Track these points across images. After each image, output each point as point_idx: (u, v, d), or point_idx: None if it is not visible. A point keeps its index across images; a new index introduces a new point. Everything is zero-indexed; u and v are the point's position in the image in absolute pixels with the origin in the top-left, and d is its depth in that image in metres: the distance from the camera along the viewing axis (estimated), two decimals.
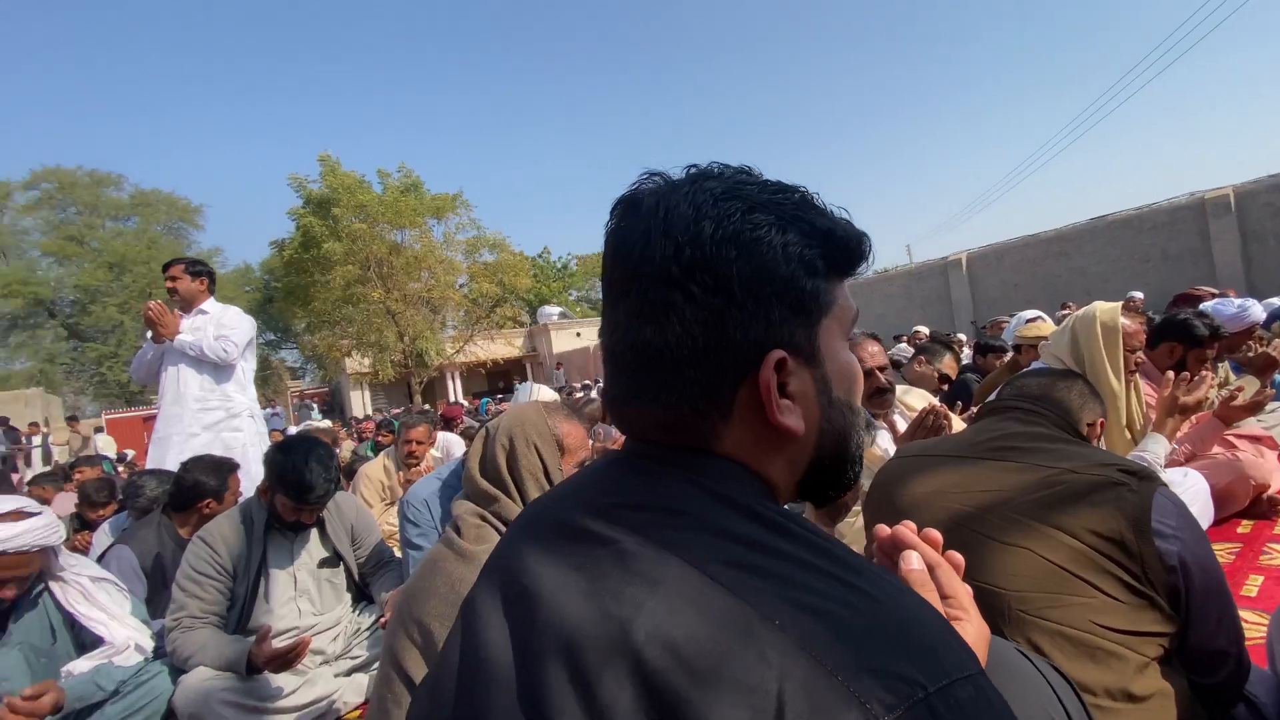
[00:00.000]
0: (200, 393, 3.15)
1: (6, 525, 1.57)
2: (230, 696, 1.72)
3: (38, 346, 23.09)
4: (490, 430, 1.32)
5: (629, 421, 0.51)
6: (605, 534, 0.44)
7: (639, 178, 0.50)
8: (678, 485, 0.46)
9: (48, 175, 24.21)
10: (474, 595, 0.51)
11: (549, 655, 0.38)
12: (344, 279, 17.07)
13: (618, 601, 0.38)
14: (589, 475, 0.54)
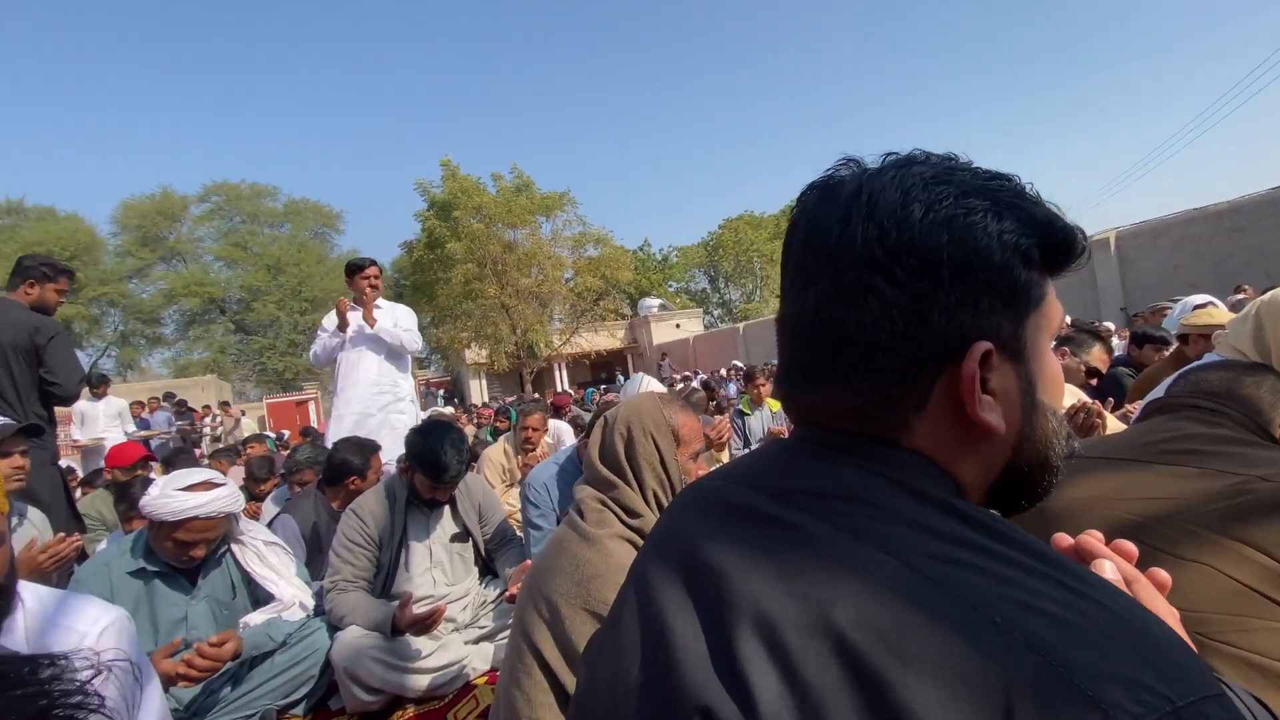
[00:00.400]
0: (376, 378, 3.49)
1: (199, 494, 1.84)
2: (378, 654, 1.92)
3: (211, 339, 26.73)
4: (608, 420, 1.36)
5: (806, 407, 0.50)
6: (788, 518, 0.44)
7: (834, 164, 0.49)
8: (863, 475, 0.45)
9: (216, 189, 27.94)
10: (645, 568, 0.52)
11: (744, 630, 0.39)
12: (463, 276, 18.29)
13: (813, 585, 0.38)
14: (761, 460, 0.53)
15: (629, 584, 0.55)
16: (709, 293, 37.29)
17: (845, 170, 0.48)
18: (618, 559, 1.20)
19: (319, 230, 29.97)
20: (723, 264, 33.71)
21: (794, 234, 0.50)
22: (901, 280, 0.43)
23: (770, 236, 32.60)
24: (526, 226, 19.55)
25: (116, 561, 1.88)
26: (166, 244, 26.67)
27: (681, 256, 36.71)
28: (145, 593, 1.88)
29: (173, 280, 25.81)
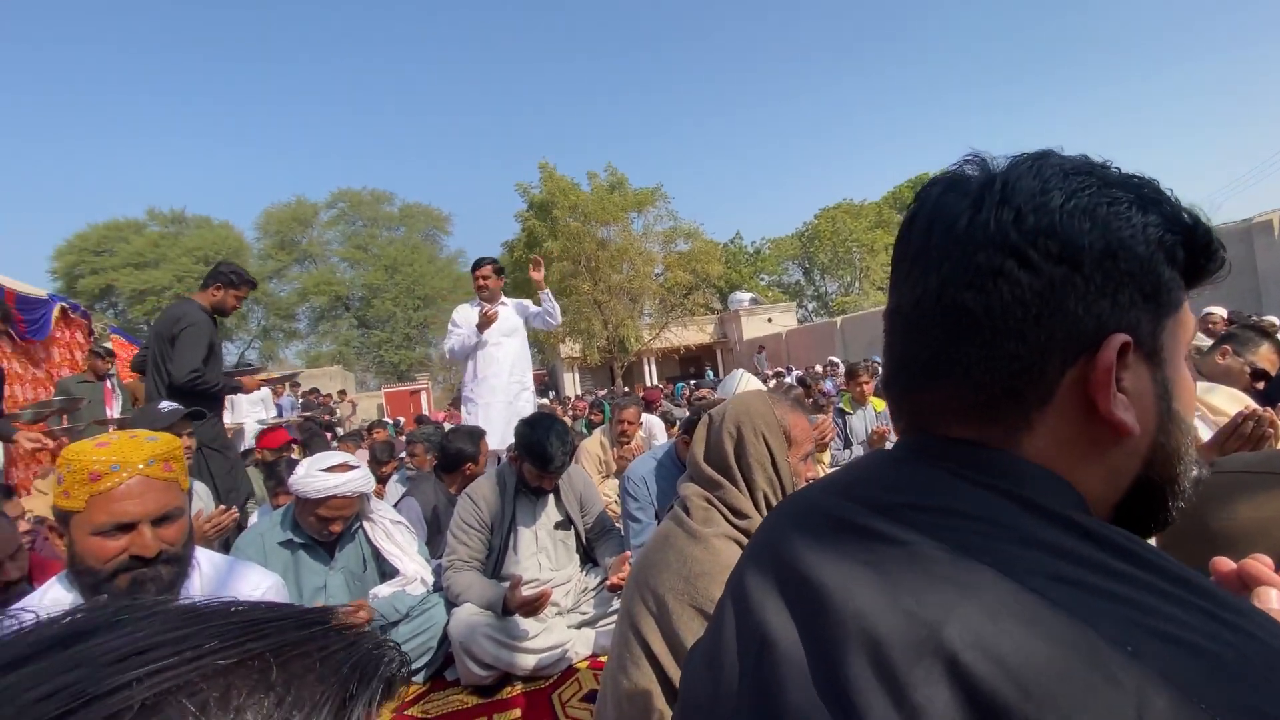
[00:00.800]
0: (508, 372, 3.80)
1: (338, 474, 2.04)
2: (490, 632, 2.04)
3: (337, 333, 29.41)
4: (714, 418, 1.35)
5: (919, 407, 0.48)
6: (892, 533, 0.42)
7: (960, 160, 0.46)
8: (977, 489, 0.43)
9: (341, 196, 30.66)
10: (744, 578, 0.52)
11: (849, 647, 0.38)
12: (559, 274, 18.92)
13: (921, 603, 0.37)
14: (863, 472, 0.52)
15: (726, 595, 0.55)
16: (803, 285, 36.10)
17: (971, 167, 0.46)
18: (725, 558, 1.20)
19: (429, 232, 32.09)
20: (819, 255, 32.45)
21: (912, 225, 0.47)
22: (1037, 264, 0.40)
23: (870, 225, 30.97)
24: (619, 223, 19.86)
25: (269, 533, 2.12)
26: (300, 247, 29.62)
27: (774, 248, 35.78)
28: (292, 561, 2.11)
29: (305, 280, 28.65)
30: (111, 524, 1.10)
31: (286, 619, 0.28)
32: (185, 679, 0.23)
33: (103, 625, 0.25)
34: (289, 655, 0.26)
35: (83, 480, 1.11)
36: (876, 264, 29.29)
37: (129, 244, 25.46)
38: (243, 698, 0.24)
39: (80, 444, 1.16)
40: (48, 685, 0.21)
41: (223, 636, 0.25)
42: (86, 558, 1.11)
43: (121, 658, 0.23)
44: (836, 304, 30.20)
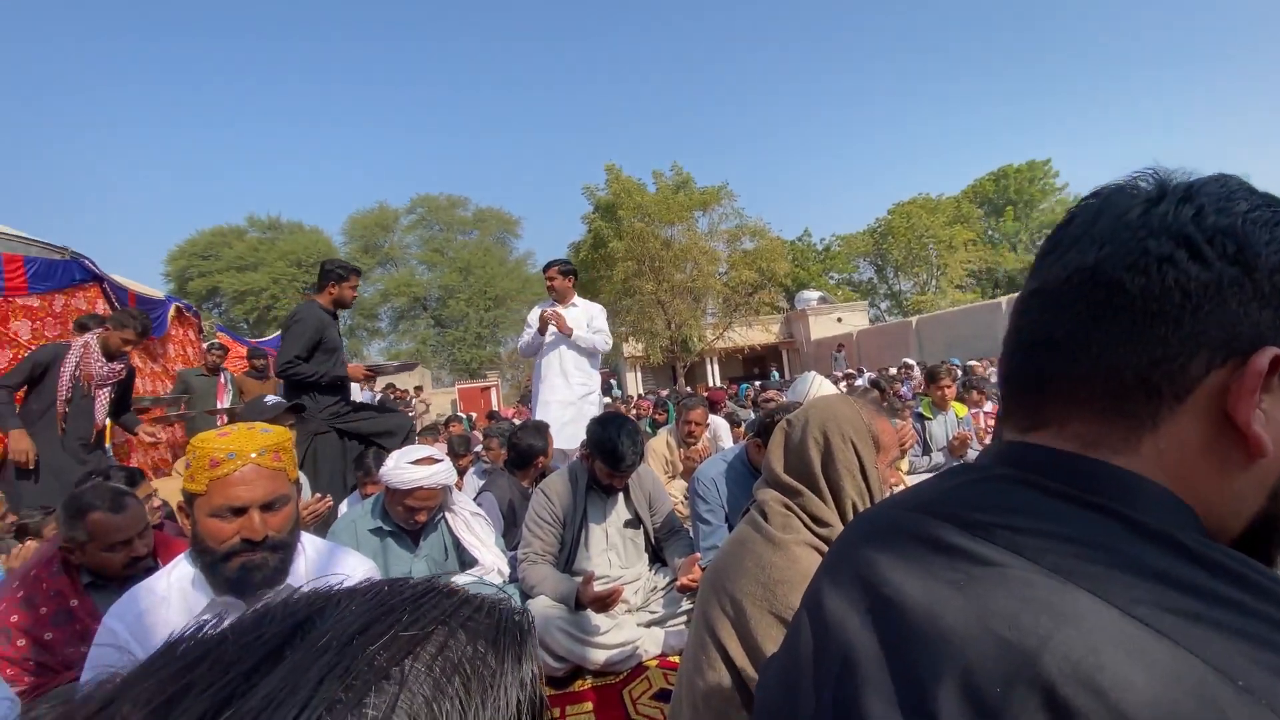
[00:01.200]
0: (575, 372, 3.94)
1: (423, 467, 2.14)
2: (563, 625, 2.09)
3: (415, 332, 30.91)
4: (794, 423, 1.31)
5: (1037, 395, 0.46)
6: (983, 553, 0.40)
7: (1133, 173, 0.45)
8: (1076, 509, 0.40)
9: (420, 202, 32.20)
10: (821, 594, 0.51)
11: (935, 671, 0.37)
12: (623, 274, 19.10)
13: (1014, 629, 0.35)
14: (950, 486, 0.50)
15: (803, 610, 0.54)
16: (875, 284, 34.76)
17: (1146, 179, 0.45)
18: (805, 566, 1.17)
19: (501, 235, 33.19)
20: (892, 252, 31.10)
21: (1073, 218, 0.46)
22: (1210, 259, 0.39)
23: (948, 221, 29.39)
24: (683, 223, 19.80)
25: (361, 520, 2.25)
26: (382, 251, 31.36)
27: (845, 245, 34.62)
28: (381, 548, 2.23)
29: (387, 282, 30.29)
30: (226, 507, 1.20)
31: (437, 591, 0.32)
32: (408, 644, 0.27)
33: (309, 614, 0.29)
34: (463, 616, 0.30)
35: (205, 466, 1.22)
36: (955, 261, 27.77)
37: (232, 249, 27.76)
38: (453, 653, 0.28)
39: (206, 433, 1.27)
40: (318, 668, 0.25)
41: (409, 608, 0.30)
42: (205, 538, 1.22)
43: (353, 636, 0.27)
44: (911, 303, 28.87)
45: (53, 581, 1.68)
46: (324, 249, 29.30)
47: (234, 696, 0.24)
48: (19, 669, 1.56)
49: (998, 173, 34.82)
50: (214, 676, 0.25)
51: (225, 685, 0.24)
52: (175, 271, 27.81)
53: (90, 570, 1.73)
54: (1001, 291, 26.83)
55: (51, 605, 1.65)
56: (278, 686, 0.24)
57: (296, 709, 0.23)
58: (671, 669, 2.19)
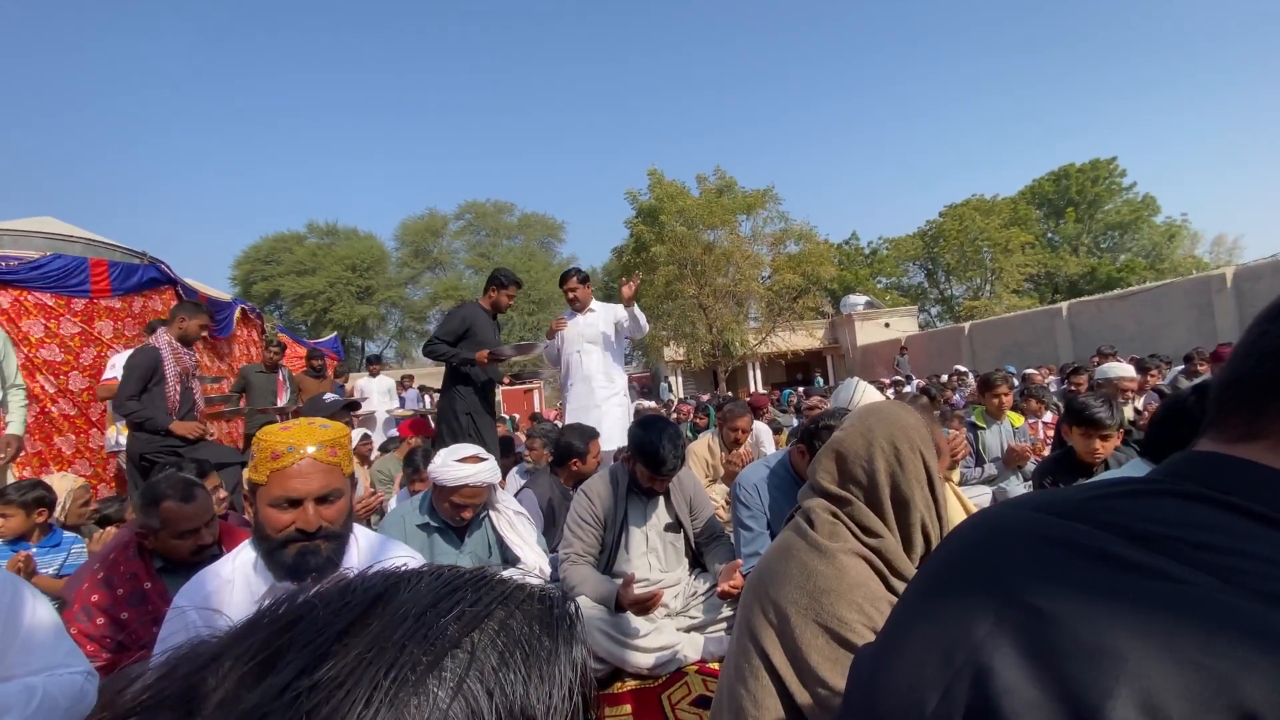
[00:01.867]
0: (601, 374, 4.01)
1: (470, 465, 2.18)
2: (604, 627, 2.09)
3: None
4: (851, 432, 1.23)
5: (1260, 408, 0.42)
6: (1161, 567, 0.37)
7: None
8: (1274, 531, 0.37)
9: (468, 208, 33.05)
10: (935, 594, 0.48)
11: (1104, 689, 0.34)
12: (665, 278, 19.09)
13: (1205, 651, 0.33)
14: (1105, 494, 0.46)
15: (914, 610, 0.50)
16: (926, 288, 33.67)
17: None
18: (853, 575, 1.14)
19: (544, 240, 33.70)
20: (944, 255, 30.07)
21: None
22: None
23: (1005, 223, 28.19)
24: (726, 226, 19.65)
25: (409, 515, 2.32)
26: (432, 256, 32.27)
27: (893, 249, 33.64)
28: (427, 543, 2.29)
29: (435, 286, 31.12)
30: (284, 498, 1.26)
31: (493, 577, 0.35)
32: (475, 619, 0.30)
33: (386, 587, 0.32)
34: (519, 599, 0.33)
35: (266, 458, 1.28)
36: (1010, 264, 26.59)
37: (292, 254, 29.06)
38: (515, 631, 0.30)
39: (270, 426, 1.34)
40: (400, 633, 0.28)
41: (472, 588, 0.32)
42: (265, 526, 1.28)
43: (426, 609, 0.30)
44: (964, 308, 27.82)
45: (129, 565, 1.79)
46: (377, 253, 30.39)
47: (329, 654, 0.27)
48: (98, 645, 1.67)
49: (1058, 172, 33.23)
50: (310, 636, 0.28)
51: (321, 644, 0.27)
52: (241, 275, 29.31)
53: (161, 555, 1.84)
54: (1061, 297, 25.52)
55: (127, 587, 1.76)
56: (367, 647, 0.27)
57: (385, 668, 0.26)
58: (711, 675, 2.16)
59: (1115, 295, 13.91)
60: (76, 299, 4.61)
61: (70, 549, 2.57)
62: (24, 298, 4.37)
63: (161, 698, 0.27)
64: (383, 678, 0.26)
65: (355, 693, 0.25)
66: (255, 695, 0.25)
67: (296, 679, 0.26)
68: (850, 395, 3.28)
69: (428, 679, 0.26)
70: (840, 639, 1.10)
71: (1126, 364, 4.80)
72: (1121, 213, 31.38)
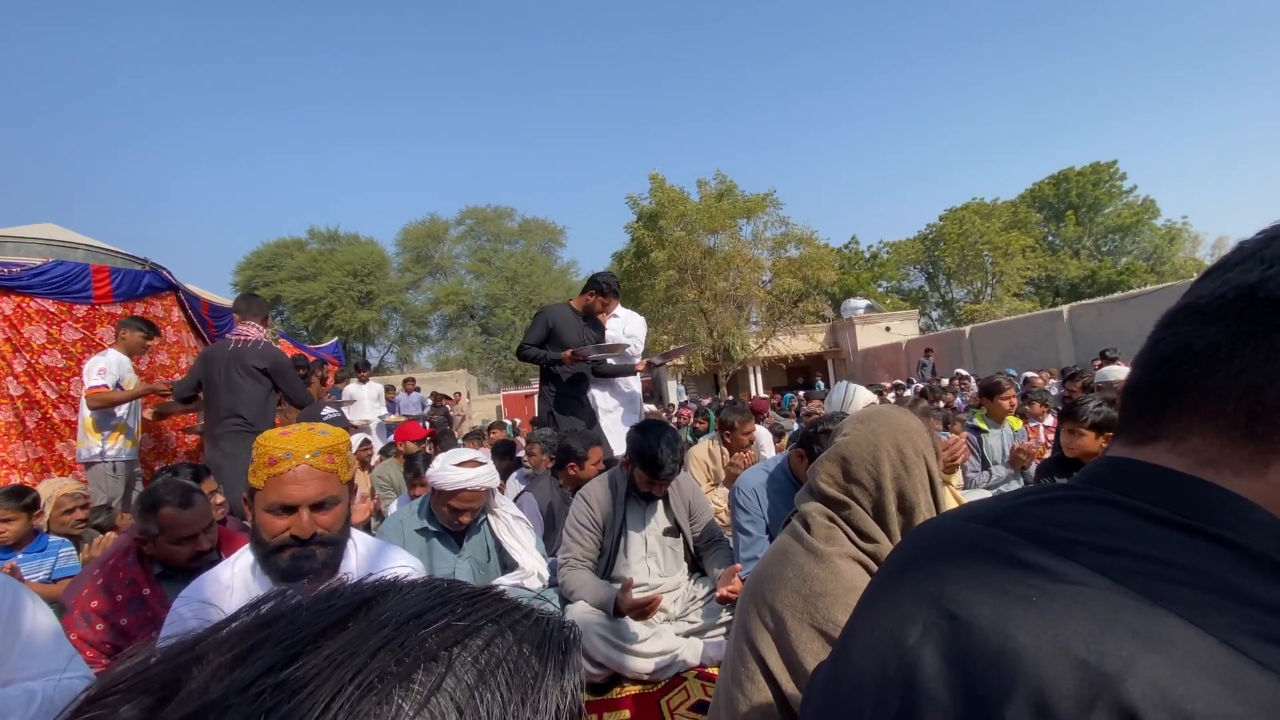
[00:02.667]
0: (620, 380, 4.14)
1: (468, 469, 2.19)
2: (602, 632, 2.09)
3: (463, 340, 31.66)
4: (854, 436, 1.22)
5: (1162, 407, 0.44)
6: (1061, 570, 0.39)
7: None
8: (1173, 532, 0.38)
9: (469, 213, 33.10)
10: (877, 605, 0.50)
11: (1003, 690, 0.35)
12: (665, 282, 19.10)
13: (1096, 651, 0.34)
14: (1023, 501, 0.48)
15: (859, 621, 0.52)
16: (927, 292, 33.67)
17: None
18: (849, 580, 1.14)
19: (546, 245, 33.76)
20: (944, 259, 30.06)
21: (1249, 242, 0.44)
22: None
23: (1005, 226, 28.19)
24: (726, 231, 19.68)
25: (408, 520, 2.32)
26: (433, 261, 32.33)
27: (894, 252, 33.67)
28: (426, 547, 2.30)
29: (437, 291, 31.18)
30: (278, 504, 1.26)
31: (490, 595, 0.34)
32: (459, 634, 0.30)
33: (373, 595, 0.32)
34: (512, 619, 0.32)
35: (264, 463, 1.28)
36: (1011, 268, 26.59)
37: (293, 259, 29.13)
38: (499, 650, 0.30)
39: (270, 431, 1.34)
40: (375, 639, 0.28)
41: (462, 603, 0.32)
42: (261, 530, 1.28)
43: (409, 618, 0.30)
44: (965, 312, 27.81)
45: (128, 570, 1.80)
46: (378, 259, 30.44)
47: (301, 654, 0.27)
48: (97, 651, 1.67)
49: (1058, 176, 33.25)
50: (287, 634, 0.28)
51: (296, 643, 0.28)
52: (243, 281, 29.36)
53: (161, 561, 1.84)
54: (1062, 300, 25.51)
55: (127, 592, 1.76)
56: (338, 650, 0.27)
57: (353, 672, 0.26)
58: (710, 680, 2.16)
59: (1116, 298, 13.91)
60: (78, 305, 4.63)
61: (58, 553, 2.56)
62: (26, 304, 4.39)
63: (143, 682, 0.27)
64: (347, 682, 0.25)
65: (317, 694, 0.25)
66: (221, 687, 0.25)
67: (263, 675, 0.26)
68: (842, 398, 3.29)
69: (394, 689, 0.26)
70: (835, 642, 1.10)
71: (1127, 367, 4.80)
72: (1122, 216, 31.38)
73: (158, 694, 0.26)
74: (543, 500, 2.87)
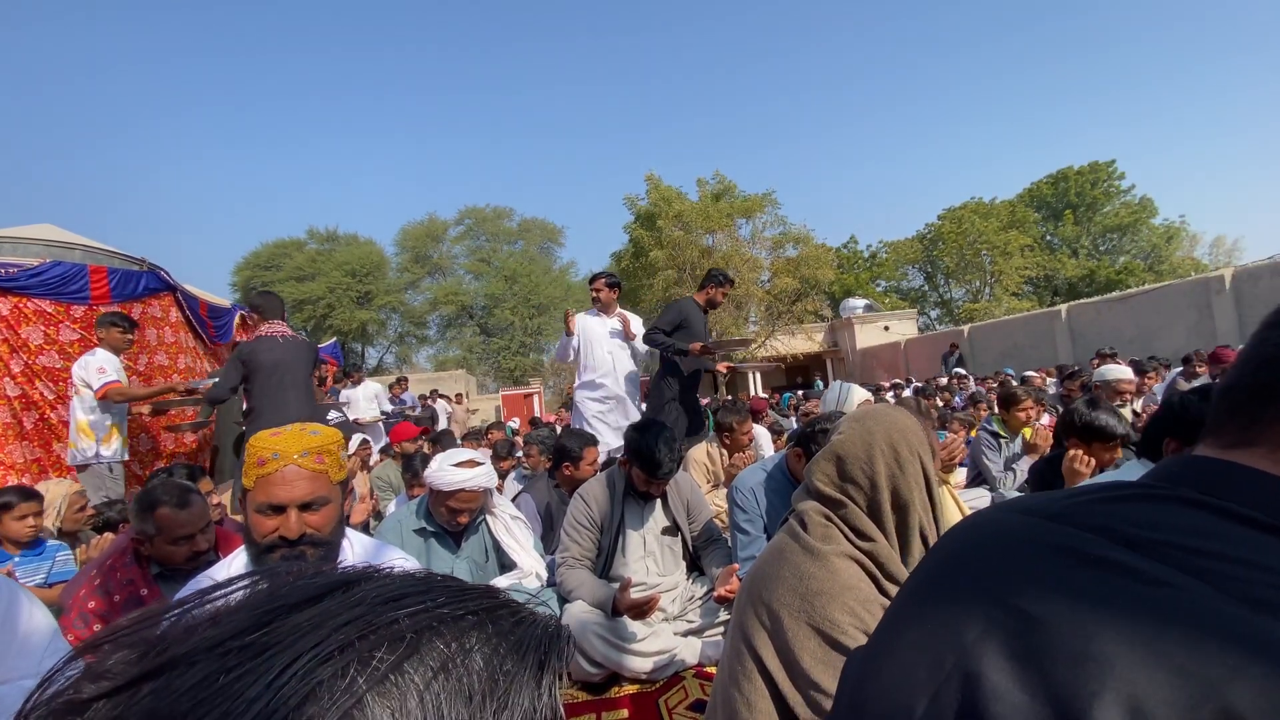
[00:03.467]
0: (624, 376, 4.20)
1: (466, 470, 2.18)
2: (600, 631, 2.09)
3: (462, 340, 31.62)
4: (850, 435, 1.23)
5: (1257, 415, 0.42)
6: (1151, 572, 0.37)
7: None
8: (1276, 539, 0.37)
9: (468, 213, 33.06)
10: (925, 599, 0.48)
11: (1090, 692, 0.34)
12: (664, 283, 19.10)
13: (1196, 658, 0.33)
14: (1101, 499, 0.46)
15: (904, 613, 0.50)
16: (925, 291, 33.68)
17: None
18: (845, 578, 1.15)
19: (545, 245, 33.73)
20: (943, 259, 30.06)
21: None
22: None
23: (1003, 225, 28.20)
24: (724, 230, 19.68)
25: (406, 520, 2.32)
26: (432, 261, 32.28)
27: (892, 252, 33.67)
28: (424, 547, 2.29)
29: (435, 291, 31.13)
30: (267, 504, 1.25)
31: (481, 590, 0.34)
32: (433, 620, 0.30)
33: (360, 579, 0.32)
34: (496, 615, 0.32)
35: (254, 463, 1.28)
36: (1010, 267, 26.60)
37: (292, 259, 29.10)
38: (473, 642, 0.30)
39: (261, 432, 1.34)
40: (345, 615, 0.28)
41: (447, 594, 0.32)
42: (252, 530, 1.28)
43: (387, 600, 0.30)
44: (963, 311, 27.83)
45: (126, 571, 1.79)
46: (376, 259, 30.41)
47: (273, 621, 0.28)
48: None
49: (1056, 175, 33.28)
50: (264, 603, 0.29)
51: (270, 611, 0.28)
52: (241, 281, 29.32)
53: (158, 562, 1.84)
54: (1061, 299, 25.54)
55: (124, 593, 1.76)
56: (306, 620, 0.28)
57: (313, 642, 0.26)
58: (708, 679, 2.16)
59: (1114, 297, 13.92)
60: (76, 306, 4.62)
61: (55, 557, 2.55)
62: (23, 304, 4.38)
63: (129, 638, 0.28)
64: (306, 650, 0.26)
65: (275, 659, 0.25)
66: (191, 643, 0.26)
67: (232, 637, 0.26)
68: (837, 397, 3.28)
69: (351, 662, 0.26)
70: (832, 641, 1.10)
71: (1125, 366, 4.80)
72: (1120, 215, 31.40)
73: (141, 649, 0.27)
74: (540, 500, 2.87)
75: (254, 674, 0.25)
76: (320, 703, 0.25)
